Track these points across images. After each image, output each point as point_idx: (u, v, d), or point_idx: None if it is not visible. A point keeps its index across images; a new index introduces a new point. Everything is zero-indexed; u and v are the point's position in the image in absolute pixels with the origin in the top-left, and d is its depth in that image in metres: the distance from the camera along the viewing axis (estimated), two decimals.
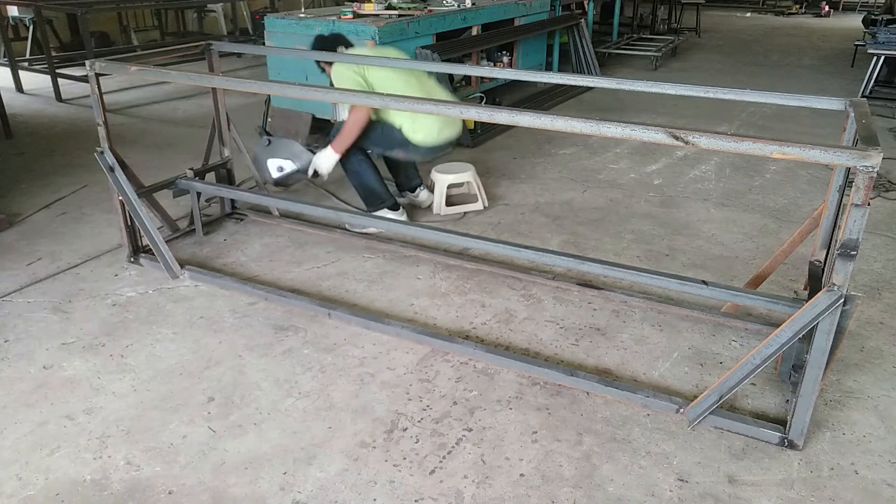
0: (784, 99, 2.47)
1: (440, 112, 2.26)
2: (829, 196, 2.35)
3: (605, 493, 1.93)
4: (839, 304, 1.86)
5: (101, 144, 3.00)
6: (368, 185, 3.55)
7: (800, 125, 5.77)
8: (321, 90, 3.22)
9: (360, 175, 3.53)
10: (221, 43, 3.52)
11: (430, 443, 2.11)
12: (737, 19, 14.22)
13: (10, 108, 5.53)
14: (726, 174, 4.54)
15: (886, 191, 4.23)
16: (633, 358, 2.55)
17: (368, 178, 3.54)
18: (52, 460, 2.03)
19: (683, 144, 1.84)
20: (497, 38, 5.97)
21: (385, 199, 3.58)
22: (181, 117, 5.87)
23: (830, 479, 1.99)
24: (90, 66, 2.85)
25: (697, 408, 2.16)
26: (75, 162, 4.59)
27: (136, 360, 2.50)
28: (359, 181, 3.56)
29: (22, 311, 2.81)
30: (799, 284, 2.97)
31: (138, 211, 3.04)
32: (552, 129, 2.02)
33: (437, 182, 3.79)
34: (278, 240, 3.48)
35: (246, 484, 1.95)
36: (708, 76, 8.08)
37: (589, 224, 3.73)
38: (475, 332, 2.71)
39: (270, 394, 2.33)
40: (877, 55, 6.46)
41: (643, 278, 2.55)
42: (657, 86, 2.65)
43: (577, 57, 7.36)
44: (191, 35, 9.68)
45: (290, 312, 2.81)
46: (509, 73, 3.18)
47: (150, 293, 2.96)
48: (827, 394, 2.34)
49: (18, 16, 7.69)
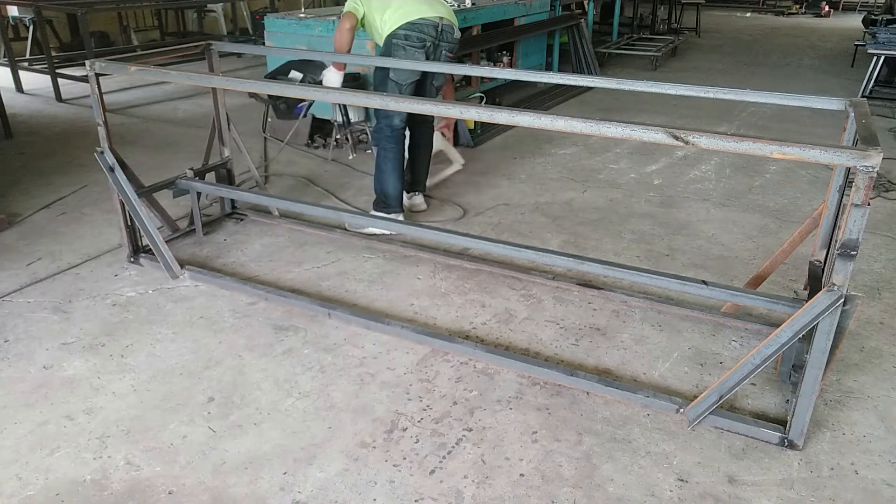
0: (784, 99, 2.47)
1: (440, 112, 2.26)
2: (829, 196, 2.35)
3: (605, 493, 1.93)
4: (839, 304, 1.86)
5: (101, 144, 3.00)
6: (385, 187, 3.52)
7: (800, 125, 5.77)
8: (321, 90, 3.22)
9: (383, 172, 3.49)
10: (221, 43, 3.52)
11: (430, 443, 2.11)
12: (737, 19, 14.23)
13: (10, 108, 5.53)
14: (726, 174, 4.54)
15: (886, 191, 4.23)
16: (633, 358, 2.55)
17: (389, 179, 3.49)
18: (52, 460, 2.03)
19: (683, 144, 1.84)
20: (497, 38, 5.98)
21: (393, 207, 3.54)
22: (181, 117, 5.87)
23: (830, 479, 1.99)
24: (90, 66, 2.85)
25: (697, 408, 2.16)
26: (75, 162, 4.59)
27: (136, 360, 2.50)
28: (380, 176, 3.51)
29: (22, 311, 2.81)
30: (799, 284, 2.97)
31: (138, 211, 3.04)
32: (552, 129, 2.02)
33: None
34: (278, 240, 3.48)
35: (246, 484, 1.95)
36: (708, 76, 8.08)
37: (589, 224, 3.73)
38: (475, 332, 2.71)
39: (270, 394, 2.33)
40: (877, 55, 6.46)
41: (643, 278, 2.55)
42: (657, 86, 2.65)
43: (577, 57, 7.36)
44: (191, 35, 9.67)
45: (290, 312, 2.81)
46: (509, 73, 3.18)
47: (150, 293, 2.96)
48: (827, 394, 2.34)
49: (18, 16, 7.68)
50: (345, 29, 3.35)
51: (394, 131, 3.45)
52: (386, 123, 3.44)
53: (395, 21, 3.31)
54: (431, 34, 3.34)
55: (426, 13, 3.32)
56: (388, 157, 3.47)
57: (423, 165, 3.83)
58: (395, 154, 3.48)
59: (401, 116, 3.44)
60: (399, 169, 3.51)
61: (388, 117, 3.43)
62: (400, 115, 3.43)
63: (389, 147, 3.47)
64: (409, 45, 3.31)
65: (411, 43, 3.31)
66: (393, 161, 3.47)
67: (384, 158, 3.48)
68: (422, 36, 3.31)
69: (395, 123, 3.44)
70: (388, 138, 3.46)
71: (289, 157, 4.76)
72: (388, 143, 3.46)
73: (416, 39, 3.31)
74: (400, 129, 3.47)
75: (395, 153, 3.48)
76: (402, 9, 3.30)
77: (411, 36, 3.30)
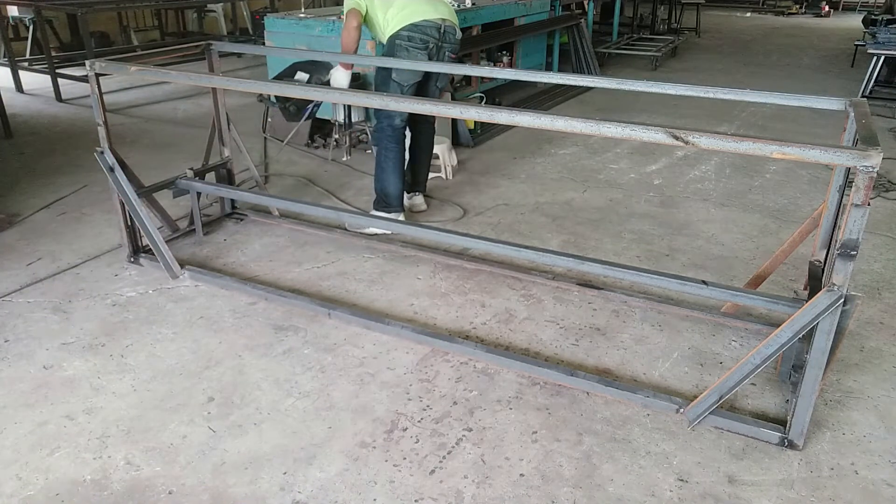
0: (784, 99, 2.47)
1: (440, 113, 2.26)
2: (829, 196, 2.35)
3: (605, 493, 1.93)
4: (839, 304, 1.86)
5: (101, 144, 3.00)
6: (386, 186, 3.52)
7: (800, 125, 5.77)
8: (321, 90, 3.22)
9: (384, 171, 3.50)
10: (221, 43, 3.52)
11: (430, 443, 2.11)
12: (737, 19, 14.23)
13: (10, 108, 5.53)
14: (726, 174, 4.54)
15: (886, 191, 4.23)
16: (633, 358, 2.55)
17: (390, 179, 3.50)
18: (52, 460, 2.03)
19: (683, 144, 1.84)
20: (497, 38, 5.98)
21: (393, 206, 3.55)
22: (181, 117, 5.87)
23: (830, 479, 1.99)
24: (90, 66, 2.85)
25: (697, 408, 2.16)
26: (75, 162, 4.59)
27: (136, 360, 2.50)
28: (381, 176, 3.52)
29: (22, 311, 2.81)
30: (799, 284, 2.96)
31: (138, 211, 3.04)
32: (552, 129, 2.02)
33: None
34: (278, 240, 3.48)
35: (246, 484, 1.95)
36: (708, 76, 8.08)
37: (589, 224, 3.73)
38: (475, 332, 2.71)
39: (270, 394, 2.33)
40: (877, 55, 6.46)
41: (643, 278, 2.55)
42: (657, 86, 2.65)
43: (577, 57, 7.36)
44: (191, 35, 9.67)
45: (290, 312, 2.81)
46: (509, 73, 3.18)
47: (150, 293, 2.96)
48: (827, 394, 2.34)
49: (18, 16, 7.68)
50: (352, 27, 3.35)
51: (395, 131, 3.46)
52: (387, 123, 3.44)
53: (398, 22, 3.31)
54: (434, 36, 3.35)
55: (429, 14, 3.32)
56: (389, 157, 3.48)
57: (424, 166, 3.83)
58: (396, 154, 3.48)
59: (402, 116, 3.44)
60: (400, 169, 3.51)
61: (389, 117, 3.43)
62: (401, 115, 3.43)
63: (390, 147, 3.47)
64: (412, 46, 3.31)
65: (414, 44, 3.31)
66: (394, 161, 3.48)
67: (385, 158, 3.48)
68: (425, 37, 3.32)
69: (396, 123, 3.44)
70: (389, 138, 3.46)
71: (289, 157, 4.76)
72: (389, 142, 3.46)
73: (420, 41, 3.31)
74: (401, 128, 3.47)
75: (395, 153, 3.48)
76: (406, 10, 3.30)
77: (414, 37, 3.30)
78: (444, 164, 4.32)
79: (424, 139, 3.75)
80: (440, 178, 4.34)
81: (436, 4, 3.39)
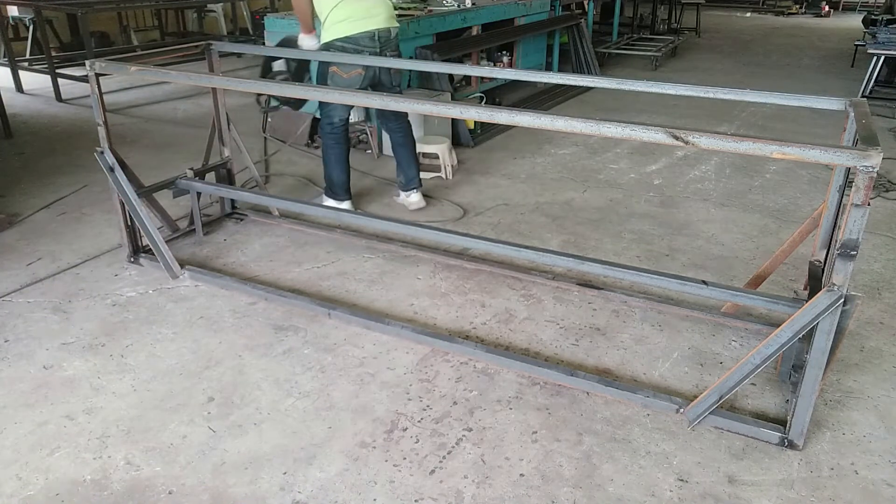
0: (784, 99, 2.47)
1: (440, 113, 2.26)
2: (829, 196, 2.35)
3: (605, 493, 1.93)
4: (839, 304, 1.86)
5: (101, 144, 3.00)
6: (329, 175, 3.73)
7: (800, 125, 5.77)
8: (321, 90, 3.22)
9: (327, 164, 3.72)
10: (221, 43, 3.52)
11: (430, 443, 2.11)
12: (737, 19, 14.23)
13: (10, 108, 5.53)
14: (726, 174, 4.54)
15: (886, 191, 4.23)
16: (633, 358, 2.55)
17: (331, 168, 3.70)
18: (52, 460, 2.03)
19: (683, 144, 1.84)
20: (497, 38, 5.98)
21: (339, 195, 3.74)
22: (181, 117, 5.87)
23: (830, 479, 1.99)
24: (90, 66, 2.85)
25: (697, 408, 2.16)
26: (75, 162, 4.59)
27: (136, 360, 2.50)
28: (325, 167, 3.73)
29: (22, 311, 2.81)
30: (799, 284, 2.96)
31: (138, 211, 3.04)
32: (552, 129, 2.02)
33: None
34: (278, 240, 3.48)
35: (246, 484, 1.95)
36: (708, 76, 8.08)
37: (589, 224, 3.73)
38: (475, 332, 2.71)
39: (270, 394, 2.33)
40: (877, 55, 6.46)
41: (643, 278, 2.55)
42: (657, 86, 2.65)
43: (577, 57, 7.36)
44: (191, 35, 9.67)
45: (290, 312, 2.81)
46: (509, 73, 3.18)
47: (150, 293, 2.96)
48: (827, 394, 2.34)
49: (18, 16, 7.68)
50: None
51: (334, 128, 3.62)
52: (327, 122, 3.61)
53: (334, 32, 3.43)
54: (368, 45, 3.46)
55: (367, 26, 3.42)
56: (330, 153, 3.68)
57: (410, 162, 3.84)
58: (337, 150, 3.66)
59: (340, 116, 3.59)
60: (342, 163, 3.69)
61: (328, 116, 3.61)
62: (339, 114, 3.58)
63: (329, 143, 3.67)
64: (346, 55, 3.43)
65: (348, 53, 3.44)
66: (335, 155, 3.67)
67: (327, 154, 3.69)
68: (358, 48, 3.44)
69: (335, 122, 3.60)
70: (328, 135, 3.65)
71: (289, 157, 4.76)
72: (328, 139, 3.66)
73: (353, 51, 3.44)
74: (339, 126, 3.62)
75: (335, 149, 3.66)
76: (343, 23, 3.40)
77: (348, 48, 3.44)
78: (444, 163, 4.33)
79: (399, 137, 3.80)
80: (440, 178, 4.34)
81: (373, 11, 3.45)
